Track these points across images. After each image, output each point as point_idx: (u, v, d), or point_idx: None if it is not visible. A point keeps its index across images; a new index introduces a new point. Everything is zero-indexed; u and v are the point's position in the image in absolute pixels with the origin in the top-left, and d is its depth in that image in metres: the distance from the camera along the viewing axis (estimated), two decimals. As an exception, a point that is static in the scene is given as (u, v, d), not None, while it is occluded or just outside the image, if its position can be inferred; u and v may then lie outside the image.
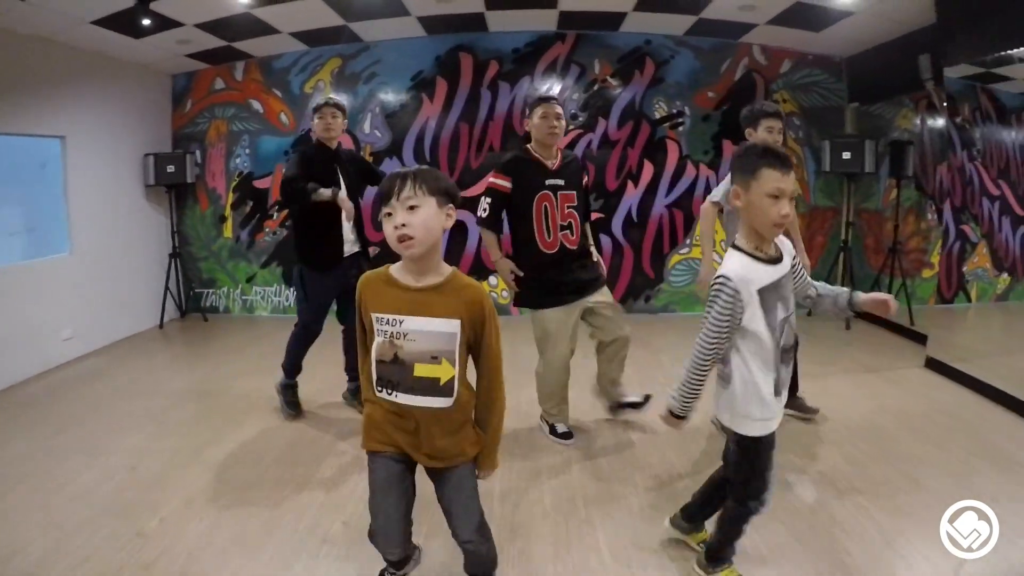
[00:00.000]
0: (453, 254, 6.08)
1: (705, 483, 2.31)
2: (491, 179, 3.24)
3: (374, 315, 1.65)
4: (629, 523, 2.62)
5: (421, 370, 1.63)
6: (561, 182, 3.23)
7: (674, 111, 6.02)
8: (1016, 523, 2.56)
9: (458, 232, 6.05)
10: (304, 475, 3.02)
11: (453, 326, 1.62)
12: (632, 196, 6.06)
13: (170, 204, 6.13)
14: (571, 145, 5.93)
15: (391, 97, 6.02)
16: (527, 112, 3.29)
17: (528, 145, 3.28)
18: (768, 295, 1.84)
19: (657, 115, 6.02)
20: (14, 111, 4.49)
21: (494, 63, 5.96)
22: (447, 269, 1.68)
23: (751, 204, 1.81)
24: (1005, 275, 5.29)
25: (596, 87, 6.00)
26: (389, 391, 1.67)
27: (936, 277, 5.43)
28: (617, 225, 6.10)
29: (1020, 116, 5.02)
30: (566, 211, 3.23)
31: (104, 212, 5.39)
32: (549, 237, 3.22)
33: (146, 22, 4.66)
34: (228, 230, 6.28)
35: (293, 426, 3.62)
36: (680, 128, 6.03)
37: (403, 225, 1.54)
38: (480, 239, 6.00)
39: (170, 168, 5.84)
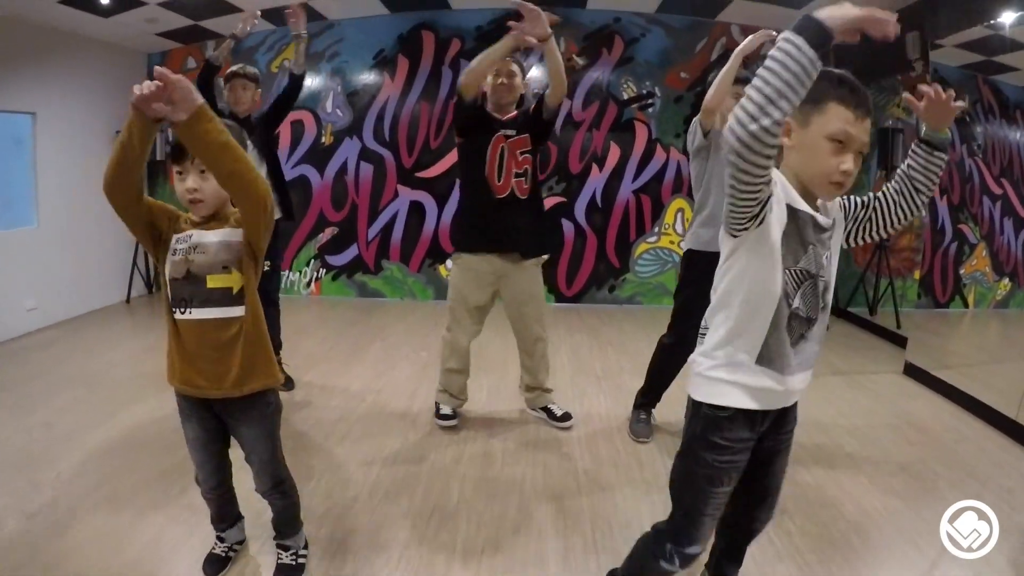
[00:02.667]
0: (410, 237, 5.43)
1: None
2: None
3: (173, 236, 1.57)
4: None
5: (213, 281, 1.55)
6: (512, 132, 2.73)
7: (643, 91, 5.20)
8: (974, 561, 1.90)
9: (415, 214, 5.38)
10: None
11: (238, 234, 1.56)
12: (597, 180, 5.26)
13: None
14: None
15: (353, 75, 5.39)
16: None
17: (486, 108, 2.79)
18: (802, 224, 1.23)
19: (625, 95, 5.21)
20: None
21: (456, 41, 5.26)
22: (226, 214, 1.59)
23: (804, 146, 1.22)
24: (1006, 280, 4.49)
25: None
26: (183, 309, 1.56)
27: (918, 278, 4.56)
28: (580, 210, 5.31)
29: None
30: (520, 158, 2.74)
31: (73, 186, 5.00)
32: (500, 180, 2.73)
33: (106, 1, 4.28)
34: (196, 210, 5.73)
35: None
36: (650, 109, 5.21)
37: (194, 190, 1.52)
38: (437, 222, 5.38)
39: (138, 145, 5.35)
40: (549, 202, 5.30)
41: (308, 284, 5.61)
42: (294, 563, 1.85)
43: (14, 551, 1.97)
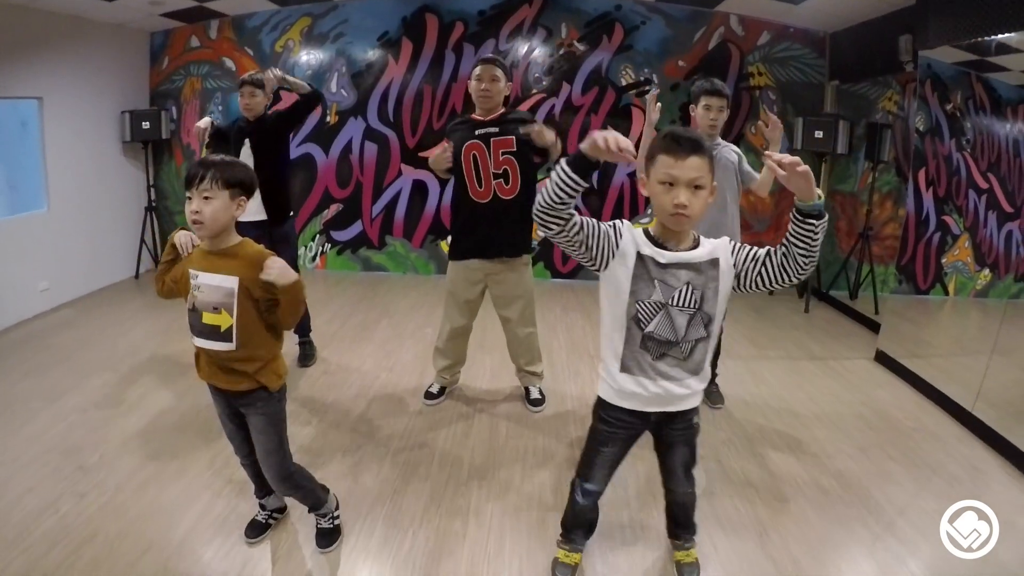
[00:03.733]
0: (413, 215, 5.61)
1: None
2: None
3: (189, 270, 1.79)
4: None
5: (208, 319, 1.78)
6: (495, 130, 2.79)
7: (641, 79, 5.32)
8: (914, 539, 2.20)
9: (418, 193, 5.56)
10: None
11: (232, 282, 1.74)
12: (593, 165, 5.39)
13: (146, 160, 5.74)
14: (534, 108, 5.33)
15: (357, 56, 5.47)
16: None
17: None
18: (645, 265, 1.58)
19: (623, 82, 5.33)
20: None
21: (459, 24, 5.34)
22: (237, 239, 1.80)
23: (651, 193, 1.56)
24: (986, 271, 4.60)
25: (562, 51, 5.34)
26: (192, 334, 1.83)
27: (906, 266, 4.72)
28: (578, 193, 5.46)
29: (1016, 109, 4.31)
30: (500, 158, 2.78)
31: (81, 169, 5.10)
32: (480, 186, 2.82)
33: None
34: (203, 185, 5.87)
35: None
36: (646, 96, 5.30)
37: (196, 212, 1.70)
38: (439, 200, 5.55)
39: (146, 125, 5.45)
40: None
41: (313, 258, 5.80)
42: (331, 526, 2.13)
43: (73, 531, 2.16)
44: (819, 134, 4.89)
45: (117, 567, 1.99)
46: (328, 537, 2.11)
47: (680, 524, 2.00)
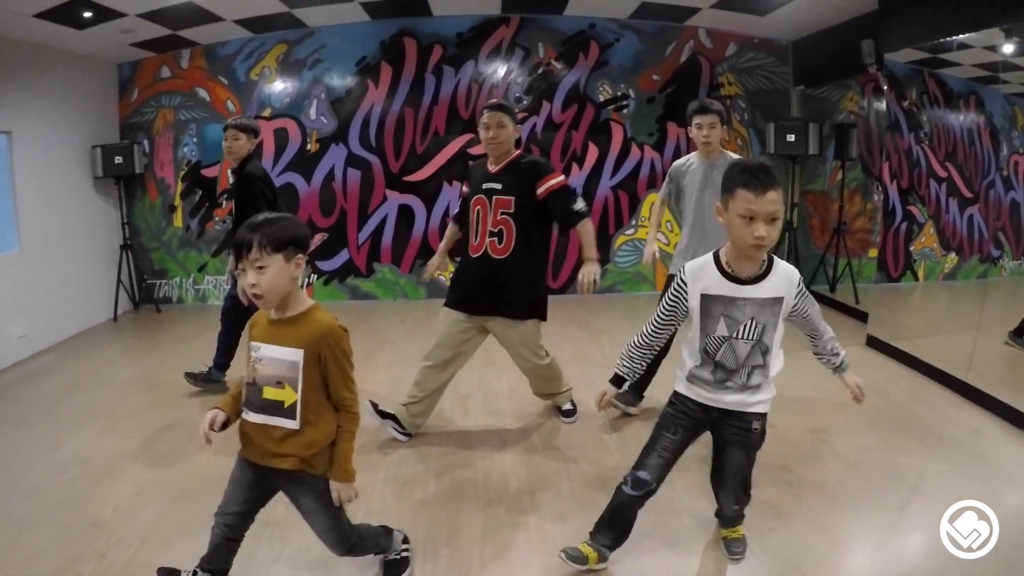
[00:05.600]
0: (400, 240, 5.82)
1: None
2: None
3: (251, 343, 1.74)
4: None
5: (269, 394, 1.70)
6: (498, 186, 2.85)
7: (618, 94, 5.71)
8: (939, 498, 2.42)
9: (405, 217, 5.78)
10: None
11: (296, 355, 1.66)
12: (577, 178, 5.75)
13: (119, 195, 5.77)
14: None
15: (336, 82, 5.69)
16: None
17: None
18: (712, 304, 1.81)
19: (601, 98, 5.71)
20: None
21: (438, 47, 5.64)
22: (305, 304, 1.71)
23: (729, 223, 1.74)
24: (952, 255, 5.12)
25: (540, 70, 5.69)
26: (245, 409, 1.74)
27: (880, 256, 5.19)
28: (563, 208, 5.78)
29: (967, 100, 4.87)
30: (498, 217, 2.85)
31: (53, 207, 5.07)
32: (476, 240, 2.92)
33: (87, 14, 4.39)
34: (178, 219, 5.94)
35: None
36: (624, 111, 5.73)
37: (253, 285, 1.60)
38: (427, 224, 5.78)
39: (118, 159, 5.49)
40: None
41: (300, 288, 5.92)
42: (398, 557, 2.10)
43: None
44: (791, 137, 5.36)
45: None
46: (395, 568, 2.08)
47: (728, 522, 2.19)
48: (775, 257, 1.82)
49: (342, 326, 1.70)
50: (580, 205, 2.88)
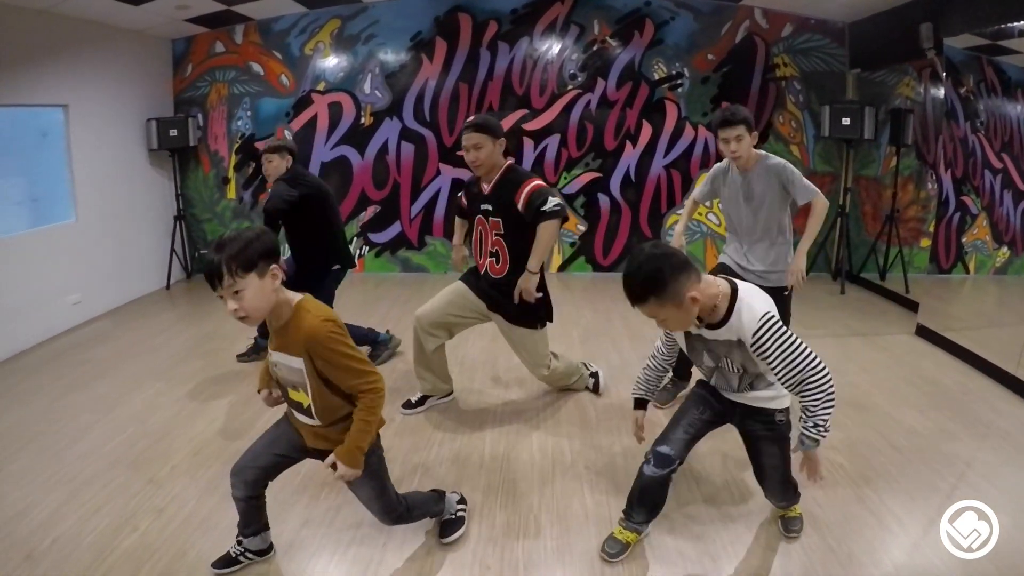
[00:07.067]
0: (452, 214, 6.04)
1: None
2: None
3: (269, 348, 1.85)
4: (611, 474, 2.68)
5: (292, 395, 1.85)
6: (489, 207, 2.97)
7: (673, 72, 5.87)
8: (986, 487, 2.61)
9: (458, 191, 5.97)
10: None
11: (298, 363, 1.73)
12: (630, 156, 5.97)
13: (173, 167, 6.08)
14: (569, 106, 5.88)
15: (390, 57, 5.91)
16: None
17: None
18: (694, 341, 2.01)
19: (656, 76, 5.88)
20: (17, 82, 4.45)
21: (493, 23, 5.82)
22: (290, 309, 1.74)
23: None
24: (1004, 248, 5.22)
25: (595, 48, 5.86)
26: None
27: (931, 247, 5.33)
28: (615, 185, 6.04)
29: None
30: (493, 238, 2.99)
31: (108, 178, 5.37)
32: (479, 258, 3.11)
33: None
34: (231, 191, 6.26)
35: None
36: (679, 89, 5.89)
37: (235, 310, 1.64)
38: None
39: (172, 132, 5.79)
40: (585, 178, 6.01)
41: (352, 262, 6.24)
42: (454, 516, 2.29)
43: (158, 548, 2.19)
44: (846, 121, 5.48)
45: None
46: (449, 527, 2.25)
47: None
48: (744, 303, 1.85)
49: (329, 319, 1.72)
50: (550, 205, 2.82)
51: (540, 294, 3.02)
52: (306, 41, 5.94)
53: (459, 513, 2.30)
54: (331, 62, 5.95)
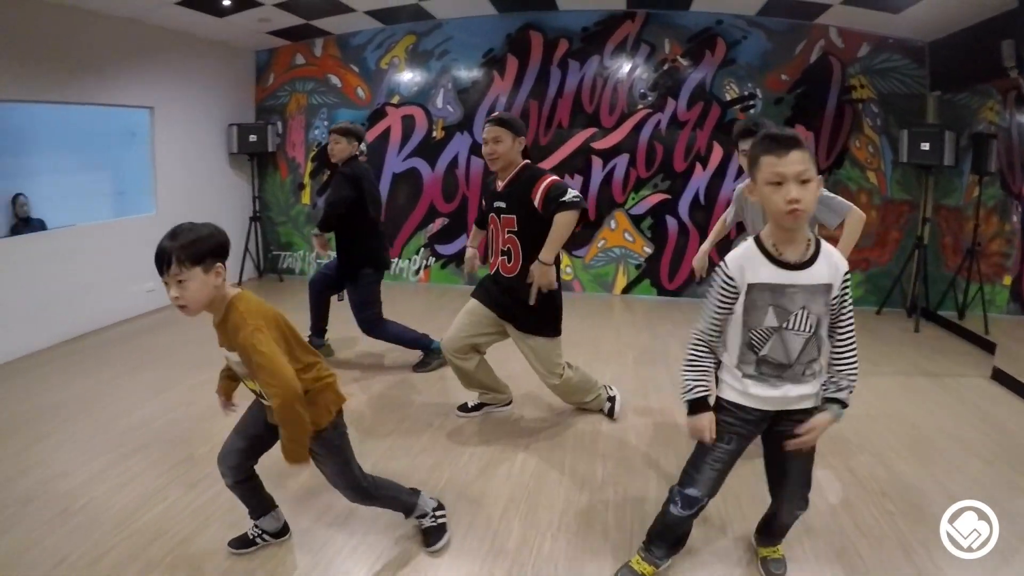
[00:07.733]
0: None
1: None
2: None
3: None
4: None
5: (246, 383, 1.99)
6: (503, 204, 2.99)
7: (745, 93, 5.86)
8: None
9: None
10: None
11: (236, 356, 1.85)
12: (700, 178, 5.99)
13: (252, 171, 6.47)
14: (639, 125, 5.95)
15: (463, 73, 6.12)
16: None
17: None
18: (759, 294, 1.74)
19: (727, 96, 5.88)
20: (107, 84, 4.91)
21: (563, 41, 5.95)
22: (224, 306, 1.84)
23: (762, 197, 1.68)
24: None
25: (665, 67, 5.90)
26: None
27: (1013, 284, 5.13)
28: (684, 207, 6.07)
29: None
30: (505, 236, 3.00)
31: (189, 176, 5.79)
32: (491, 258, 3.14)
33: (226, 3, 4.97)
34: (306, 197, 6.59)
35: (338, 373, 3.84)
36: (751, 111, 5.87)
37: (176, 298, 1.76)
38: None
39: (252, 137, 6.17)
40: (653, 199, 6.05)
41: (417, 272, 6.48)
42: (435, 524, 2.30)
43: (182, 520, 2.36)
44: (925, 146, 5.28)
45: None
46: (433, 535, 2.27)
47: (775, 535, 2.18)
48: (823, 240, 1.77)
49: (256, 316, 1.80)
50: (569, 196, 2.81)
51: (555, 285, 3.02)
52: (382, 56, 6.20)
53: (440, 520, 2.33)
54: (405, 76, 6.19)
